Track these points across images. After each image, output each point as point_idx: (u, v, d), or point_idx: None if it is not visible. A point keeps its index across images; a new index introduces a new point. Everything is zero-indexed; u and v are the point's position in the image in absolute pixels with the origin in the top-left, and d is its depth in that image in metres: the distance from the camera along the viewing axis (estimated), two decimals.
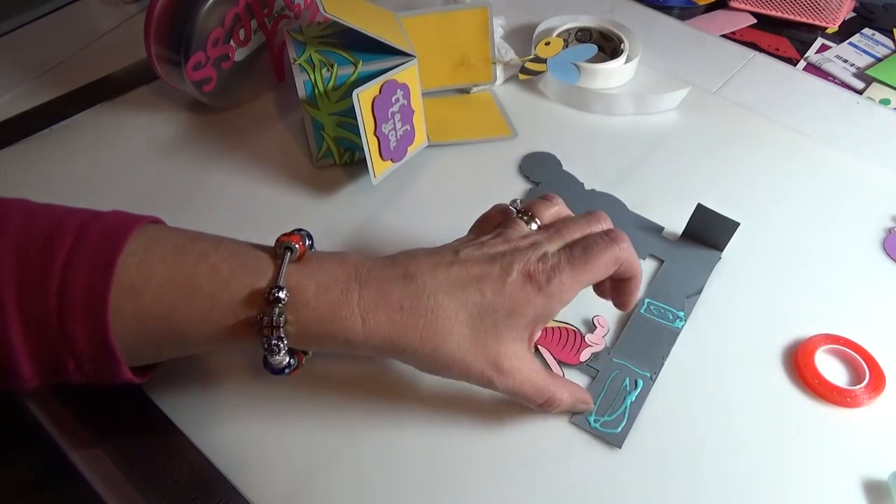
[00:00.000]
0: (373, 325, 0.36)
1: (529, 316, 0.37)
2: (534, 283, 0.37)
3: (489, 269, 0.37)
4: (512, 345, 0.37)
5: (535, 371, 0.38)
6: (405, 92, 0.51)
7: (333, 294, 0.36)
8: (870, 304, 0.48)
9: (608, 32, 0.66)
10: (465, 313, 0.36)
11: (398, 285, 0.36)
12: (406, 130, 0.52)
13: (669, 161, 0.58)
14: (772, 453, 0.41)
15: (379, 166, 0.51)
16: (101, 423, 0.41)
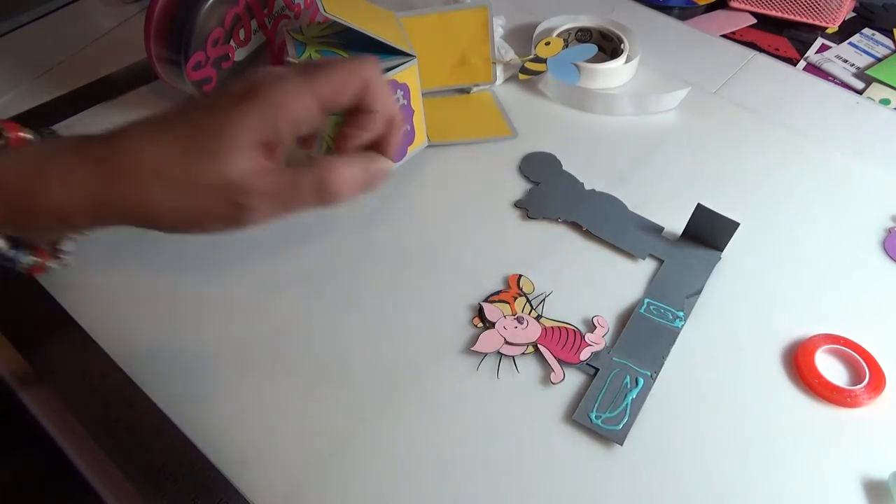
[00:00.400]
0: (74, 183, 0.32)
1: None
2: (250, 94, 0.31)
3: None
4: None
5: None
6: (405, 92, 0.51)
7: (30, 160, 0.32)
8: (870, 304, 0.48)
9: (608, 32, 0.66)
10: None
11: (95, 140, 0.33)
12: (406, 130, 0.52)
13: (669, 161, 0.58)
14: (772, 453, 0.41)
15: None
16: (100, 422, 0.41)
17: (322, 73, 0.33)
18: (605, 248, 0.51)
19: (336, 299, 0.47)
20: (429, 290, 0.48)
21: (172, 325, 0.46)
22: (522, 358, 0.44)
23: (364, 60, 0.34)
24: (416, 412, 0.42)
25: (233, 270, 0.49)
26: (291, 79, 0.32)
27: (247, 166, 0.32)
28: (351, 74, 0.34)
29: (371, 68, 0.34)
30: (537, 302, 0.47)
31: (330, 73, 0.33)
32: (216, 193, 0.32)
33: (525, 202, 0.53)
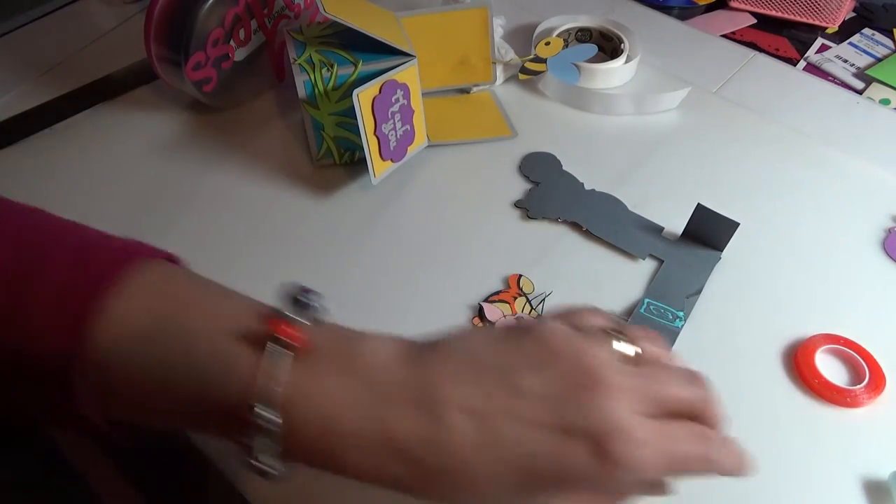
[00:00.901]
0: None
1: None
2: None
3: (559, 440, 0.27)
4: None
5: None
6: (405, 92, 0.51)
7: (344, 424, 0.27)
8: (870, 304, 0.48)
9: (608, 32, 0.66)
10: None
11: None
12: (406, 130, 0.52)
13: (669, 161, 0.58)
14: (772, 453, 0.41)
15: (379, 166, 0.51)
16: None
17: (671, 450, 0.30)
18: (605, 248, 0.51)
19: (336, 299, 0.47)
20: (429, 290, 0.48)
21: None
22: None
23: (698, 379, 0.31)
24: None
25: (233, 270, 0.49)
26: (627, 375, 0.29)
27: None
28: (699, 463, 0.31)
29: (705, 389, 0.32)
30: (537, 302, 0.47)
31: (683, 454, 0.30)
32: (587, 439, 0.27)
33: (525, 202, 0.53)
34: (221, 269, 0.49)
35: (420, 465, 0.27)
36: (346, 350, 0.30)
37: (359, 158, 0.55)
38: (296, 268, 0.49)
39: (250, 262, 0.49)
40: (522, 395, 0.27)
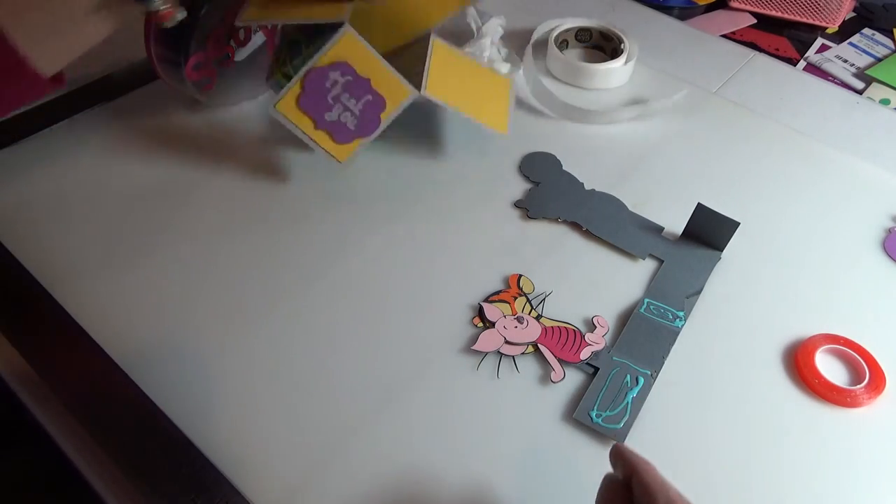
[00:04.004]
0: None
1: None
2: None
3: None
4: None
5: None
6: (343, 69, 0.48)
7: None
8: (870, 304, 0.48)
9: (608, 32, 0.66)
10: None
11: None
12: (367, 101, 0.49)
13: (669, 161, 0.58)
14: (772, 452, 0.41)
15: (341, 151, 0.50)
16: (101, 423, 0.41)
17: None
18: (605, 248, 0.51)
19: (337, 299, 0.47)
20: (429, 289, 0.48)
21: (172, 325, 0.46)
22: (522, 357, 0.44)
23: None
24: (415, 411, 0.42)
25: (233, 271, 0.49)
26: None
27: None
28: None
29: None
30: (537, 302, 0.47)
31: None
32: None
33: (525, 202, 0.53)
34: (220, 271, 0.49)
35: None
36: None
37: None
38: (296, 267, 0.49)
39: (250, 263, 0.49)
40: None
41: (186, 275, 0.48)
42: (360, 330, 0.46)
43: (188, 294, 0.47)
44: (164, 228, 0.51)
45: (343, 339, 0.45)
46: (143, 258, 0.49)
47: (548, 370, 0.43)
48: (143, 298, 0.47)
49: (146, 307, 0.46)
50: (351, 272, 0.49)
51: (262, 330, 0.45)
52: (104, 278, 0.48)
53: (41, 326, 0.45)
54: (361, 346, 0.45)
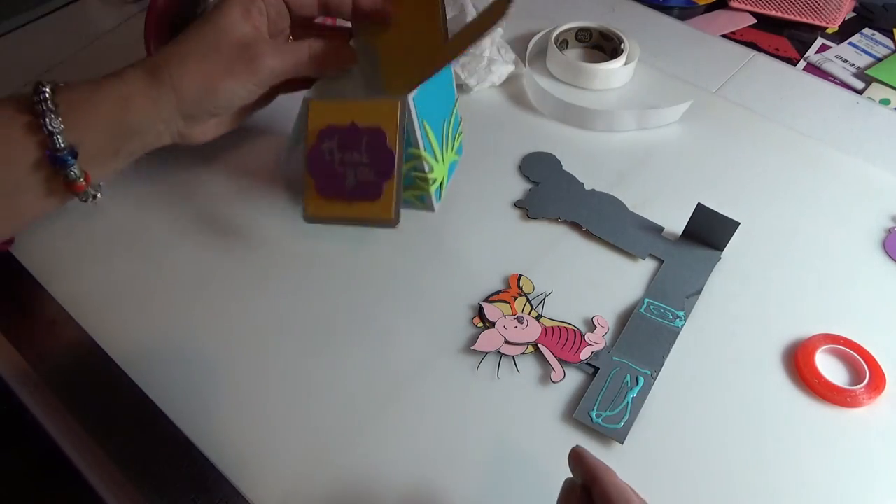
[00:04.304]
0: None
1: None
2: None
3: None
4: None
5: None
6: (329, 133, 0.45)
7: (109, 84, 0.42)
8: (870, 304, 0.48)
9: (608, 32, 0.66)
10: None
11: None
12: (367, 142, 0.44)
13: (669, 161, 0.58)
14: (772, 452, 0.41)
15: (383, 209, 0.45)
16: (101, 423, 0.41)
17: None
18: (605, 248, 0.51)
19: (337, 299, 0.47)
20: (429, 290, 0.48)
21: (173, 325, 0.46)
22: (522, 357, 0.44)
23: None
24: (415, 412, 0.42)
25: (233, 272, 0.49)
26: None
27: (246, 30, 0.42)
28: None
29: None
30: (537, 302, 0.47)
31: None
32: (231, 52, 0.42)
33: (525, 202, 0.53)
34: (220, 272, 0.49)
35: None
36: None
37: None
38: (296, 267, 0.49)
39: (250, 263, 0.49)
40: None
41: (187, 274, 0.48)
42: (360, 330, 0.46)
43: (189, 294, 0.47)
44: (164, 228, 0.51)
45: (343, 340, 0.45)
46: (144, 258, 0.49)
47: (548, 370, 0.43)
48: (143, 298, 0.47)
49: (147, 307, 0.46)
50: (351, 272, 0.49)
51: (262, 330, 0.45)
52: (105, 278, 0.48)
53: (41, 326, 0.45)
54: (362, 347, 0.45)
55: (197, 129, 0.46)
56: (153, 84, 0.42)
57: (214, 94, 0.42)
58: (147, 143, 0.44)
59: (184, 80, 0.42)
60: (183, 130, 0.44)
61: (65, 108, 0.40)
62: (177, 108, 0.43)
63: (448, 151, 0.50)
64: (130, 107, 0.41)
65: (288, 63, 0.43)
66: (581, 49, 0.68)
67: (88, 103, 0.41)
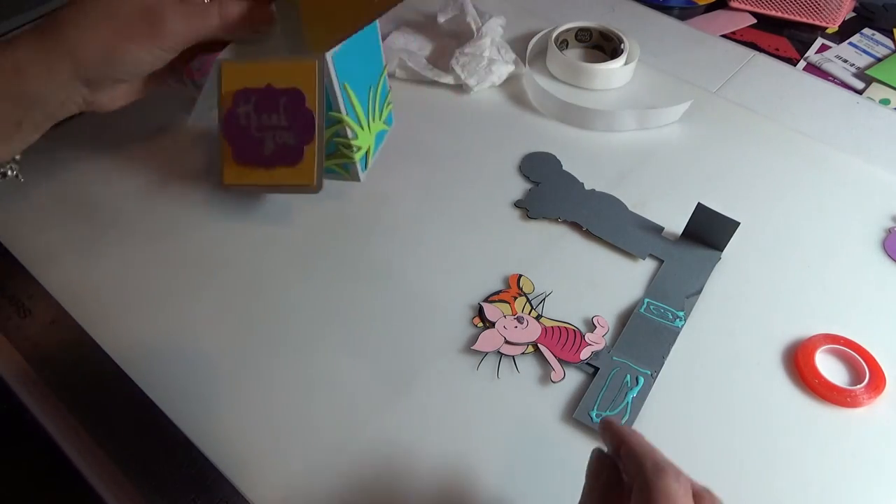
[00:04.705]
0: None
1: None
2: None
3: None
4: None
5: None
6: (244, 96, 0.43)
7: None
8: (870, 304, 0.48)
9: (608, 32, 0.66)
10: None
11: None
12: (285, 104, 0.43)
13: (669, 161, 0.58)
14: (772, 452, 0.41)
15: (304, 174, 0.43)
16: (101, 423, 0.41)
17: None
18: (605, 248, 0.51)
19: (337, 298, 0.47)
20: (429, 289, 0.48)
21: (173, 325, 0.46)
22: (522, 357, 0.44)
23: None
24: (416, 411, 0.42)
25: (233, 271, 0.49)
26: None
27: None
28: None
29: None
30: (537, 302, 0.47)
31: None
32: (133, 14, 0.40)
33: (525, 202, 0.53)
34: (220, 271, 0.49)
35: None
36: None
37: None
38: (296, 267, 0.49)
39: (249, 263, 0.49)
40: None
41: (187, 275, 0.48)
42: (360, 330, 0.46)
43: (189, 293, 0.47)
44: (164, 228, 0.51)
45: (343, 340, 0.45)
46: (144, 258, 0.49)
47: (548, 370, 0.43)
48: (143, 298, 0.47)
49: (147, 307, 0.46)
50: (351, 272, 0.49)
51: (262, 330, 0.45)
52: (105, 278, 0.48)
53: (41, 326, 0.45)
54: (362, 346, 0.45)
55: (104, 96, 0.43)
56: (47, 49, 0.39)
57: (115, 60, 0.40)
58: (51, 113, 0.42)
59: (80, 45, 0.39)
60: (88, 98, 0.42)
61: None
62: (75, 74, 0.40)
63: (375, 120, 0.48)
64: (24, 75, 0.39)
65: (196, 27, 0.41)
66: (581, 49, 0.68)
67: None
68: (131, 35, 0.40)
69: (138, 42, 0.40)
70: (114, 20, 0.40)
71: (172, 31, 0.40)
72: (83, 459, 0.41)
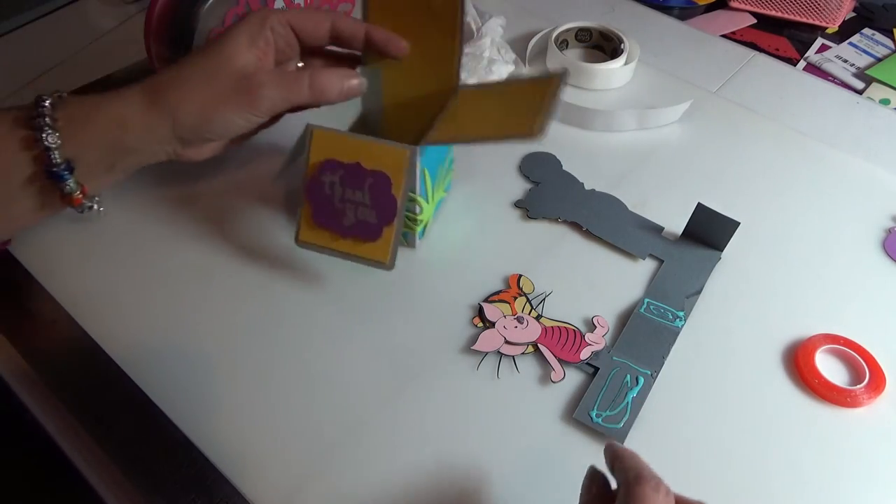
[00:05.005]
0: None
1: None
2: None
3: None
4: None
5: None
6: (332, 166, 0.43)
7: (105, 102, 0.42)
8: (870, 304, 0.48)
9: (608, 32, 0.66)
10: None
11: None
12: (371, 185, 0.43)
13: (669, 161, 0.58)
14: (772, 452, 0.41)
15: (379, 250, 0.44)
16: (101, 423, 0.41)
17: (296, 9, 0.45)
18: (605, 248, 0.51)
19: (336, 298, 0.47)
20: (429, 289, 0.48)
21: (173, 325, 0.46)
22: (522, 357, 0.44)
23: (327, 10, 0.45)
24: (415, 412, 0.42)
25: (233, 271, 0.49)
26: (272, 9, 0.44)
27: (249, 60, 0.43)
28: (317, 13, 0.45)
29: (333, 12, 0.46)
30: (537, 302, 0.47)
31: (301, 10, 0.45)
32: (230, 82, 0.42)
33: (525, 202, 0.53)
34: (220, 271, 0.49)
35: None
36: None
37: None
38: (295, 267, 0.49)
39: (250, 263, 0.49)
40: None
41: (188, 275, 0.48)
42: (360, 330, 0.46)
43: (189, 294, 0.47)
44: (164, 228, 0.51)
45: (343, 340, 0.45)
46: (145, 258, 0.49)
47: (548, 370, 0.43)
48: (143, 298, 0.47)
49: (147, 307, 0.46)
50: (351, 272, 0.49)
51: (262, 330, 0.45)
52: (105, 278, 0.48)
53: (41, 326, 0.46)
54: (361, 346, 0.45)
55: (192, 151, 0.46)
56: (151, 107, 0.42)
57: (210, 122, 0.43)
58: (143, 160, 0.44)
59: (180, 106, 0.42)
60: (178, 151, 0.45)
61: (63, 124, 0.40)
62: (172, 133, 0.43)
63: (438, 190, 0.50)
64: (127, 127, 0.42)
65: (288, 95, 0.43)
66: (581, 49, 0.68)
67: (87, 121, 0.41)
68: (227, 101, 0.42)
69: (233, 108, 0.42)
70: (211, 86, 0.42)
71: (266, 97, 0.42)
72: (83, 459, 0.41)
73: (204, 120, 0.42)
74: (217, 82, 0.42)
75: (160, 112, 0.42)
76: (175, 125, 0.42)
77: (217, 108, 0.42)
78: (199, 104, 0.42)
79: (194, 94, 0.42)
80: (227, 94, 0.42)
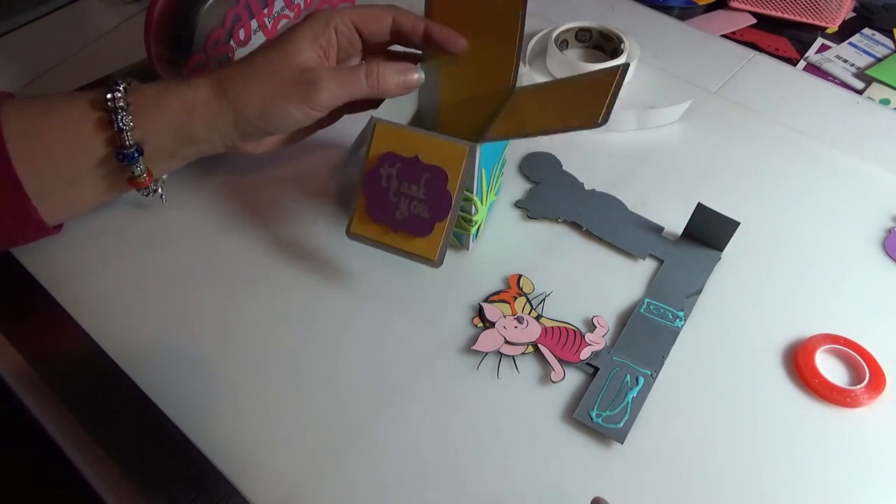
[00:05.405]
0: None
1: None
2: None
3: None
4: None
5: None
6: (390, 159, 0.44)
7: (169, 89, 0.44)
8: (870, 304, 0.48)
9: (608, 32, 0.66)
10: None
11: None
12: (427, 179, 0.43)
13: (669, 161, 0.58)
14: (772, 452, 0.41)
15: (429, 247, 0.43)
16: (101, 423, 0.41)
17: (359, 7, 0.46)
18: (605, 248, 0.51)
19: (336, 298, 0.47)
20: (429, 289, 0.48)
21: (173, 325, 0.46)
22: (522, 357, 0.44)
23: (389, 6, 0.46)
24: (415, 412, 0.42)
25: (233, 271, 0.49)
26: (337, 8, 0.45)
27: (311, 56, 0.44)
28: (380, 9, 0.46)
29: (394, 8, 0.46)
30: (537, 302, 0.47)
31: (364, 8, 0.46)
32: (292, 75, 0.43)
33: (525, 202, 0.53)
34: (220, 271, 0.49)
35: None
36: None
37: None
38: (295, 266, 0.49)
39: (250, 263, 0.49)
40: None
41: (188, 275, 0.48)
42: (359, 330, 0.46)
43: (189, 294, 0.47)
44: (164, 228, 0.51)
45: (343, 339, 0.45)
46: (145, 258, 0.49)
47: (548, 370, 0.43)
48: (143, 298, 0.47)
49: (147, 307, 0.46)
50: (350, 272, 0.49)
51: (261, 330, 0.45)
52: (105, 278, 0.48)
53: (41, 326, 0.46)
54: (361, 346, 0.45)
55: (251, 144, 0.47)
56: (217, 97, 0.43)
57: (270, 116, 0.44)
58: (201, 150, 0.46)
59: (242, 98, 0.43)
60: (237, 143, 0.46)
61: (135, 108, 0.42)
62: (233, 125, 0.44)
63: (490, 193, 0.50)
64: (194, 115, 0.43)
65: (347, 89, 0.44)
66: (581, 49, 0.68)
67: (157, 105, 0.43)
68: (287, 94, 0.43)
69: (294, 102, 0.43)
70: (273, 81, 0.43)
71: (325, 90, 0.43)
72: (83, 459, 0.41)
73: (264, 112, 0.44)
74: (278, 76, 0.43)
75: (225, 102, 0.43)
76: (237, 117, 0.44)
77: (276, 101, 0.43)
78: (260, 96, 0.43)
79: (256, 87, 0.43)
80: (286, 87, 0.43)
